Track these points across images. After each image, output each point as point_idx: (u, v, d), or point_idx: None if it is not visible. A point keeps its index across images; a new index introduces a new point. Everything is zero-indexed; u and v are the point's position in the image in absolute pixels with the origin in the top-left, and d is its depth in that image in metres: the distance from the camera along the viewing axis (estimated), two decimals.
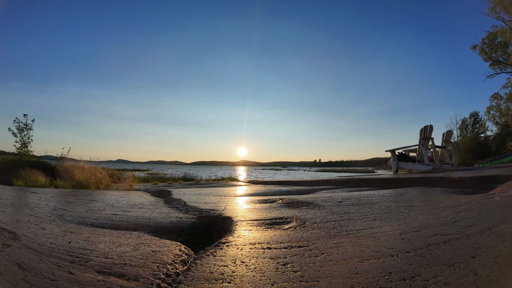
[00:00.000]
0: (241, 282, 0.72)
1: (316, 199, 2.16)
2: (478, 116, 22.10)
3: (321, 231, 1.20)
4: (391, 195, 2.34)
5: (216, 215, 1.64)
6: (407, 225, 1.24)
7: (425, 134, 6.32)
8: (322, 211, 1.65)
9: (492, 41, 15.88)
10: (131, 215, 1.70)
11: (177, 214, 1.77)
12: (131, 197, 2.68)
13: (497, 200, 1.65)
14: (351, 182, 4.31)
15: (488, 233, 1.01)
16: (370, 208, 1.72)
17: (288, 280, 0.72)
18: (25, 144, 9.28)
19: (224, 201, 2.28)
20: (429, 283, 0.66)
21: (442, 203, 1.77)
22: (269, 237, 1.13)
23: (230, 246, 1.02)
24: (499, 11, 14.56)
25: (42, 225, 1.31)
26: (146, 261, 0.87)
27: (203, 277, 0.75)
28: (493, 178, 2.90)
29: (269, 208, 1.85)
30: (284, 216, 1.54)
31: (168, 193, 3.08)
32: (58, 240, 1.08)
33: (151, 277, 0.75)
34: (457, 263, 0.77)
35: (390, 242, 1.00)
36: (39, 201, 2.05)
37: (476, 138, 20.02)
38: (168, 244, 1.07)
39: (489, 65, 16.45)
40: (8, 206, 1.73)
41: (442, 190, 2.58)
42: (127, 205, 2.11)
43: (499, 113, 17.78)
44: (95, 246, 1.01)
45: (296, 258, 0.87)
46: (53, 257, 0.88)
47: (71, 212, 1.73)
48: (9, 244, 0.96)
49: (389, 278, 0.70)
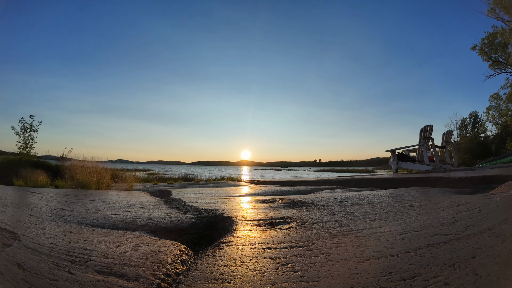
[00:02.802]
0: (241, 282, 0.72)
1: (316, 199, 2.16)
2: (478, 116, 22.08)
3: (321, 231, 1.20)
4: (391, 195, 2.34)
5: (216, 215, 1.64)
6: (407, 225, 1.24)
7: (425, 134, 6.33)
8: (322, 211, 1.65)
9: (492, 42, 15.88)
10: (131, 215, 1.70)
11: (177, 214, 1.77)
12: (131, 197, 2.68)
13: (497, 200, 1.65)
14: (351, 182, 4.31)
15: (488, 233, 1.01)
16: (370, 208, 1.72)
17: (288, 280, 0.72)
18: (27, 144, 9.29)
19: (224, 201, 2.28)
20: (429, 283, 0.66)
21: (442, 203, 1.77)
22: (269, 237, 1.13)
23: (230, 246, 1.02)
24: (499, 12, 14.57)
25: (42, 225, 1.31)
26: (146, 261, 0.87)
27: (203, 277, 0.75)
28: (493, 178, 2.90)
29: (269, 208, 1.85)
30: (284, 216, 1.54)
31: (168, 193, 3.08)
32: (58, 240, 1.08)
33: (151, 277, 0.75)
34: (457, 263, 0.77)
35: (390, 242, 1.00)
36: (39, 201, 2.05)
37: (476, 138, 20.00)
38: (168, 244, 1.07)
39: (489, 66, 16.46)
40: (8, 206, 1.73)
41: (442, 190, 2.58)
42: (127, 205, 2.11)
43: (499, 114, 17.78)
44: (95, 246, 1.01)
45: (296, 258, 0.87)
46: (53, 257, 0.88)
47: (71, 212, 1.73)
48: (9, 244, 0.96)
49: (389, 278, 0.70)
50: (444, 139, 7.17)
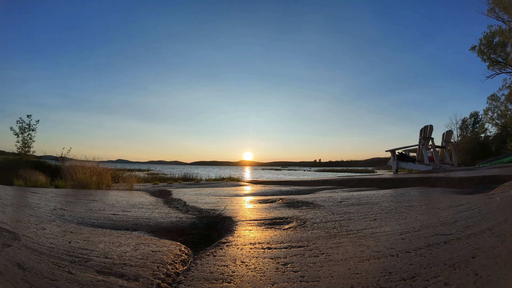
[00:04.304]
0: (241, 282, 0.72)
1: (316, 199, 2.16)
2: (478, 116, 22.09)
3: (321, 231, 1.20)
4: (391, 195, 2.34)
5: (216, 215, 1.64)
6: (407, 225, 1.24)
7: (425, 134, 6.33)
8: (322, 211, 1.65)
9: (490, 42, 15.89)
10: (131, 215, 1.70)
11: (177, 214, 1.77)
12: (131, 197, 2.68)
13: (497, 200, 1.65)
14: (351, 182, 4.32)
15: (488, 233, 1.01)
16: (370, 208, 1.72)
17: (288, 280, 0.72)
18: (26, 144, 9.30)
19: (224, 201, 2.28)
20: (429, 283, 0.66)
21: (442, 203, 1.77)
22: (269, 237, 1.13)
23: (230, 246, 1.02)
24: (499, 11, 14.58)
25: (42, 225, 1.31)
26: (146, 261, 0.87)
27: (203, 277, 0.75)
28: (493, 178, 2.90)
29: (269, 208, 1.85)
30: (284, 216, 1.54)
31: (168, 193, 3.08)
32: (58, 240, 1.08)
33: (151, 277, 0.75)
34: (458, 263, 0.77)
35: (390, 242, 1.00)
36: (39, 201, 2.05)
37: (476, 138, 20.01)
38: (168, 244, 1.07)
39: (488, 66, 16.47)
40: (8, 206, 1.73)
41: (442, 190, 2.58)
42: (127, 205, 2.11)
43: (497, 115, 17.80)
44: (95, 246, 1.01)
45: (296, 258, 0.87)
46: (53, 257, 0.88)
47: (71, 212, 1.73)
48: (9, 244, 0.96)
49: (389, 278, 0.70)
50: (444, 139, 7.17)
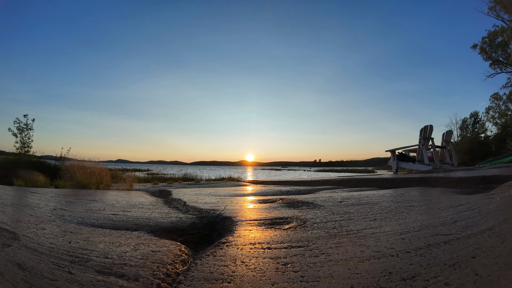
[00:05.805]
0: (241, 282, 0.72)
1: (316, 199, 2.16)
2: (478, 116, 22.07)
3: (321, 231, 1.19)
4: (391, 195, 2.34)
5: (216, 215, 1.64)
6: (407, 225, 1.24)
7: (425, 134, 6.33)
8: (322, 211, 1.65)
9: (492, 41, 15.89)
10: (131, 215, 1.70)
11: (177, 214, 1.77)
12: (131, 197, 2.68)
13: (497, 200, 1.65)
14: (351, 182, 4.32)
15: (489, 233, 1.01)
16: (370, 208, 1.72)
17: (288, 280, 0.72)
18: (25, 144, 9.30)
19: (224, 201, 2.28)
20: (429, 283, 0.66)
21: (442, 203, 1.77)
22: (269, 237, 1.13)
23: (230, 246, 1.02)
24: (499, 11, 14.58)
25: (42, 225, 1.31)
26: (146, 261, 0.87)
27: (203, 277, 0.75)
28: (493, 178, 2.90)
29: (269, 208, 1.85)
30: (284, 216, 1.54)
31: (168, 193, 3.08)
32: (58, 240, 1.08)
33: (151, 277, 0.75)
34: (458, 263, 0.77)
35: (390, 242, 1.00)
36: (39, 201, 2.05)
37: (476, 138, 19.99)
38: (168, 244, 1.07)
39: (489, 65, 16.48)
40: (8, 206, 1.73)
41: (442, 190, 2.58)
42: (127, 205, 2.11)
43: (498, 114, 17.80)
44: (95, 246, 1.01)
45: (296, 258, 0.87)
46: (53, 257, 0.88)
47: (71, 212, 1.73)
48: (9, 244, 0.96)
49: (389, 278, 0.70)
50: (444, 139, 7.18)
